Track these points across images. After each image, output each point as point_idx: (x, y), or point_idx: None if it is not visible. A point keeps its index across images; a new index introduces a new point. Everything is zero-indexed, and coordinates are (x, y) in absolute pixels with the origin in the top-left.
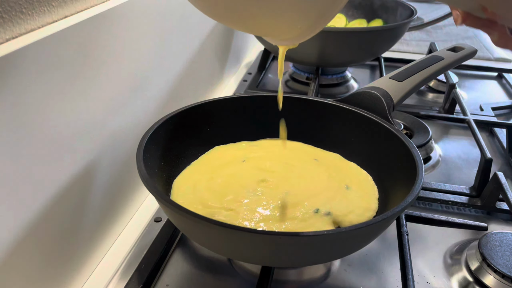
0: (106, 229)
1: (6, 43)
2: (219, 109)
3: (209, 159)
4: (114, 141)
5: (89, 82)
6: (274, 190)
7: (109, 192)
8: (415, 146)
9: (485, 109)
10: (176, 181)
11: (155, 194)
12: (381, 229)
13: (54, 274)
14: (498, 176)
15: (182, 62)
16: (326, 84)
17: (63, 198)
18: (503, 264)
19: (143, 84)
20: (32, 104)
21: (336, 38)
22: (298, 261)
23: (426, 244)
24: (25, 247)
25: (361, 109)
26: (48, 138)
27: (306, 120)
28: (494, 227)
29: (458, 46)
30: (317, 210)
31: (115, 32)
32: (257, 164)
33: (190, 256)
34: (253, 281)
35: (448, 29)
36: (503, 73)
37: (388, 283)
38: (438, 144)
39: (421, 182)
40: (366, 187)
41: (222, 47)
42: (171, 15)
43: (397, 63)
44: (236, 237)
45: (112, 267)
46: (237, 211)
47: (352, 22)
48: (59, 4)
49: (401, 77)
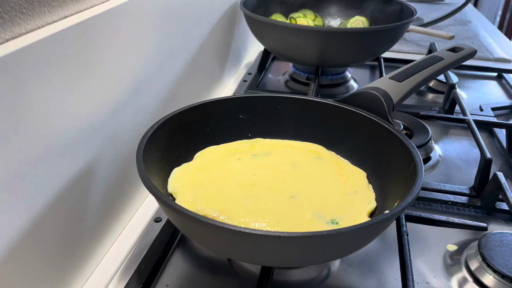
0: (106, 229)
1: (6, 43)
2: (219, 109)
3: (208, 158)
4: (114, 141)
5: (89, 82)
6: (274, 190)
7: (109, 192)
8: (415, 146)
9: (485, 109)
10: (175, 180)
11: (155, 194)
12: (381, 229)
13: (54, 274)
14: (498, 176)
15: (182, 62)
16: (326, 85)
17: (63, 198)
18: (503, 264)
19: (143, 84)
20: (32, 104)
21: (336, 38)
22: (298, 261)
23: (426, 244)
24: (25, 247)
25: (361, 109)
26: (48, 138)
27: (306, 120)
28: (494, 227)
29: (458, 46)
30: (320, 214)
31: (115, 32)
32: (258, 164)
33: (190, 256)
34: (253, 281)
35: (448, 29)
36: (503, 73)
37: (388, 283)
38: (438, 144)
39: (421, 182)
40: (366, 187)
41: (222, 47)
42: (171, 15)
43: (397, 63)
44: (236, 238)
45: (112, 267)
46: (237, 211)
47: (351, 20)
48: (59, 4)
49: (401, 77)
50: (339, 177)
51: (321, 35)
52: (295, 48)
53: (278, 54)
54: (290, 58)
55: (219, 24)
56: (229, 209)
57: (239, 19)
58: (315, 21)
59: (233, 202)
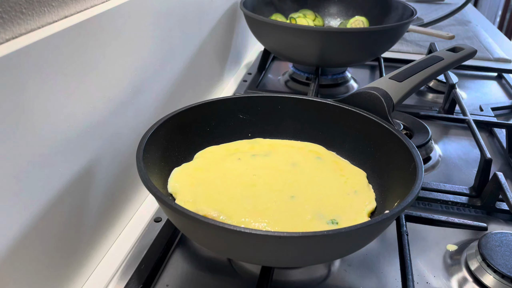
0: (106, 229)
1: (6, 43)
2: (219, 109)
3: (208, 158)
4: (114, 141)
5: (89, 82)
6: (274, 190)
7: (109, 192)
8: (415, 146)
9: (485, 110)
10: (175, 180)
11: (155, 194)
12: (381, 229)
13: (54, 274)
14: (498, 176)
15: (182, 62)
16: (326, 84)
17: (63, 198)
18: (503, 264)
19: (143, 84)
20: (32, 104)
21: (336, 38)
22: (298, 261)
23: (426, 244)
24: (25, 247)
25: (361, 109)
26: (48, 138)
27: (306, 120)
28: (494, 227)
29: (458, 47)
30: (320, 214)
31: (115, 32)
32: (258, 164)
33: (190, 256)
34: (253, 281)
35: (448, 29)
36: (503, 73)
37: (388, 283)
38: (438, 144)
39: (421, 182)
40: (366, 187)
41: (222, 47)
42: (171, 15)
43: (397, 63)
44: (236, 238)
45: (112, 267)
46: (237, 211)
47: (351, 20)
48: (59, 4)
49: (401, 77)
50: (339, 177)
51: (321, 35)
52: (295, 48)
53: (278, 54)
54: (290, 58)
55: (219, 24)
56: (229, 209)
57: (239, 19)
58: (315, 21)
59: (233, 202)
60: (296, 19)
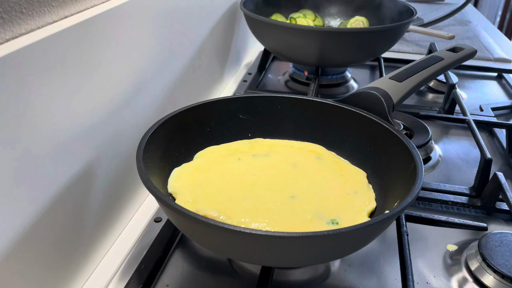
0: (106, 229)
1: (6, 43)
2: (219, 109)
3: (208, 158)
4: (114, 141)
5: (89, 82)
6: (274, 190)
7: (109, 192)
8: (415, 146)
9: (485, 110)
10: (175, 180)
11: (155, 194)
12: (381, 229)
13: (54, 274)
14: (498, 176)
15: (182, 62)
16: (326, 84)
17: (63, 198)
18: (503, 264)
19: (143, 84)
20: (32, 104)
21: (336, 38)
22: (298, 261)
23: (426, 244)
24: (25, 247)
25: (361, 109)
26: (48, 138)
27: (305, 120)
28: (494, 227)
29: (458, 47)
30: (320, 214)
31: (115, 32)
32: (259, 164)
33: (190, 256)
34: (253, 281)
35: (448, 29)
36: (503, 73)
37: (388, 283)
38: (438, 145)
39: (421, 182)
40: (366, 187)
41: (222, 47)
42: (171, 15)
43: (397, 63)
44: (236, 238)
45: (112, 267)
46: (237, 211)
47: (351, 20)
48: (59, 4)
49: (401, 77)
50: (339, 177)
51: (321, 35)
52: (295, 48)
53: (278, 54)
54: (290, 58)
55: (219, 24)
56: (229, 209)
57: (239, 19)
58: (315, 21)
59: (233, 202)
60: (296, 19)
